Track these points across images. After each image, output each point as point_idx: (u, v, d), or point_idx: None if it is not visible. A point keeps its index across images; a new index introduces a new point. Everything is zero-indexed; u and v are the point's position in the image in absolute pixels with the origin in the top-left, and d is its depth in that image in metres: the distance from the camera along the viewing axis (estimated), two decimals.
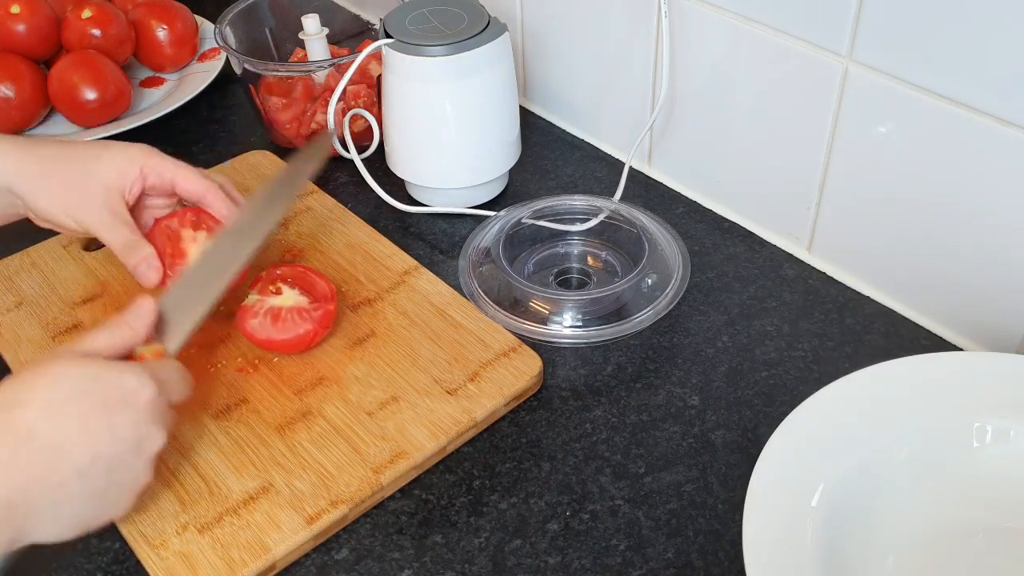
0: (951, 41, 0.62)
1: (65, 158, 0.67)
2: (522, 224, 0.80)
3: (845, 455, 0.57)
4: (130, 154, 0.68)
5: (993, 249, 0.66)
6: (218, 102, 1.02)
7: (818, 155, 0.74)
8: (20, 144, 0.67)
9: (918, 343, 0.72)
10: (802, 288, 0.77)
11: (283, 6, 0.98)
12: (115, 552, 0.60)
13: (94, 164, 0.67)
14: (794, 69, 0.72)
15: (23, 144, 0.67)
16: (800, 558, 0.52)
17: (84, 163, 0.67)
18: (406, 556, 0.59)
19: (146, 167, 0.68)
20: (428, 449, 0.63)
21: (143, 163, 0.68)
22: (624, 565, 0.58)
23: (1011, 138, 0.62)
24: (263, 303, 0.70)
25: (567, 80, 0.94)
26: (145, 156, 0.68)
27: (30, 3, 0.97)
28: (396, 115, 0.82)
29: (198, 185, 0.69)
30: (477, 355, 0.70)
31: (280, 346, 0.69)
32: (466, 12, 0.80)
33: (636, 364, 0.71)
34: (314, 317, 0.69)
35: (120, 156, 0.68)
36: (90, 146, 0.69)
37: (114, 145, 0.69)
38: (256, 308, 0.69)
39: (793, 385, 0.69)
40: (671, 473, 0.64)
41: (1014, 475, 0.57)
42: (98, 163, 0.67)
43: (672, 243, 0.77)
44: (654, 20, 0.80)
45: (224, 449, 0.64)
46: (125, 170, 0.67)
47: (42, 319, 0.74)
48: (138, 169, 0.68)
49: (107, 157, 0.68)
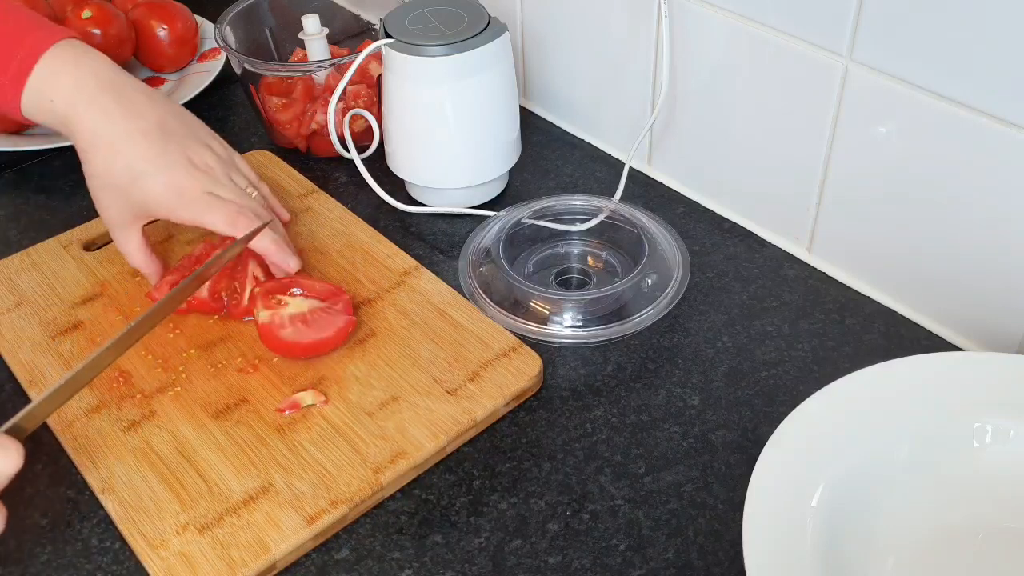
0: (951, 41, 0.62)
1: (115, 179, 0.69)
2: (522, 224, 0.80)
3: (845, 455, 0.57)
4: (163, 198, 0.69)
5: (993, 249, 0.66)
6: (218, 102, 1.02)
7: (818, 155, 0.74)
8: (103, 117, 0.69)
9: (918, 343, 0.72)
10: (802, 288, 0.77)
11: (283, 6, 0.98)
12: (115, 552, 0.60)
13: (134, 193, 0.69)
14: (794, 69, 0.72)
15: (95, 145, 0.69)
16: (800, 558, 0.52)
17: (124, 191, 0.70)
18: (406, 556, 0.59)
19: (171, 217, 0.70)
20: (428, 449, 0.63)
21: (168, 214, 0.70)
22: (624, 565, 0.58)
23: (1012, 138, 0.62)
24: (279, 314, 0.69)
25: (567, 80, 0.94)
26: (171, 208, 0.70)
27: (30, 3, 0.97)
28: (396, 115, 0.82)
29: (226, 231, 0.71)
30: (477, 355, 0.70)
31: (324, 345, 0.69)
32: (466, 12, 0.80)
33: (636, 364, 0.71)
34: (339, 309, 0.70)
35: (155, 195, 0.69)
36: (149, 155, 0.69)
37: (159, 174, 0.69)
38: (278, 321, 0.69)
39: (793, 385, 0.69)
40: (671, 473, 0.64)
41: (1014, 475, 0.57)
42: (137, 193, 0.69)
43: (672, 243, 0.77)
44: (654, 20, 0.80)
45: (224, 449, 0.64)
46: (151, 212, 0.70)
47: (42, 319, 0.74)
48: (164, 216, 0.70)
49: (144, 190, 0.69)
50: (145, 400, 0.67)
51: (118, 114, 0.69)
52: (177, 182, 0.69)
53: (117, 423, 0.66)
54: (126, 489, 0.61)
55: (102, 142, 0.68)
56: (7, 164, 0.93)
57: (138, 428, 0.65)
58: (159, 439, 0.65)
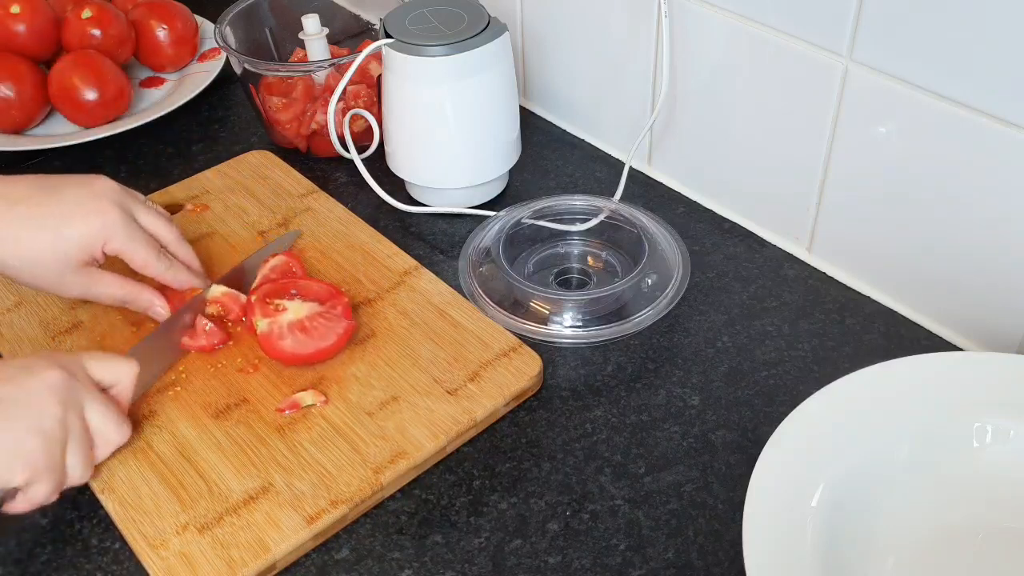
0: (951, 41, 0.62)
1: (35, 240, 0.67)
2: (522, 224, 0.80)
3: (845, 455, 0.57)
4: (93, 231, 0.67)
5: (993, 249, 0.66)
6: (218, 102, 1.02)
7: (818, 155, 0.74)
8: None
9: (918, 343, 0.72)
10: (802, 288, 0.77)
11: (283, 6, 0.98)
12: (115, 552, 0.60)
13: (60, 240, 0.67)
14: (794, 69, 0.72)
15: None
16: (800, 558, 0.52)
17: (51, 244, 0.67)
18: (406, 556, 0.59)
19: (107, 248, 0.69)
20: (428, 449, 0.63)
21: (102, 244, 0.68)
22: (624, 565, 0.58)
23: (1012, 138, 0.62)
24: (278, 323, 0.69)
25: (567, 80, 0.94)
26: (104, 237, 0.68)
27: (30, 3, 0.97)
28: (396, 115, 0.82)
29: (149, 269, 0.70)
30: (477, 355, 0.70)
31: (326, 353, 0.69)
32: (466, 12, 0.80)
33: (636, 364, 0.71)
34: (338, 314, 0.70)
35: (83, 231, 0.67)
36: (53, 211, 0.67)
37: (75, 216, 0.67)
38: (277, 331, 0.69)
39: (793, 385, 0.69)
40: (671, 473, 0.64)
41: (1014, 475, 0.57)
42: (64, 239, 0.67)
43: (672, 243, 0.77)
44: (654, 20, 0.80)
45: (224, 449, 0.64)
46: (87, 248, 0.68)
47: (42, 319, 0.74)
48: (99, 248, 0.68)
49: (70, 231, 0.67)
50: (145, 400, 0.67)
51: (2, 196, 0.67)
52: (100, 219, 0.68)
53: None
54: (126, 489, 0.61)
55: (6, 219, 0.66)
56: (7, 164, 0.93)
57: (138, 428, 0.65)
58: (159, 439, 0.65)
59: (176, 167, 0.93)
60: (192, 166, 0.92)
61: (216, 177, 0.89)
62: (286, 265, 0.76)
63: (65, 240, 0.67)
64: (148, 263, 0.70)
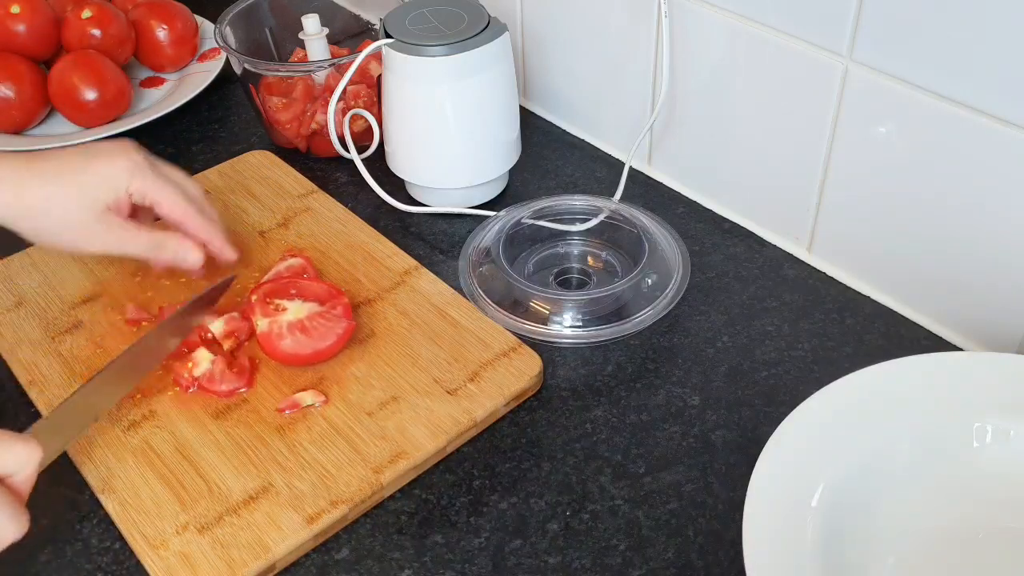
0: (951, 41, 0.62)
1: (58, 184, 0.65)
2: (522, 224, 0.80)
3: (845, 455, 0.57)
4: (116, 170, 0.66)
5: (993, 249, 0.66)
6: (218, 102, 1.02)
7: (818, 155, 0.74)
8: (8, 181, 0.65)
9: (918, 343, 0.72)
10: (802, 288, 0.77)
11: (283, 6, 0.98)
12: (115, 552, 0.60)
13: (85, 184, 0.65)
14: (794, 69, 0.72)
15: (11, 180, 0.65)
16: (800, 558, 0.52)
17: (76, 188, 0.65)
18: (406, 556, 0.59)
19: (131, 187, 0.66)
20: (428, 449, 0.63)
21: (128, 183, 0.66)
22: (624, 565, 0.58)
23: (1011, 138, 0.62)
24: (278, 323, 0.69)
25: (567, 80, 0.94)
26: (130, 175, 0.66)
27: (30, 3, 0.97)
28: (396, 115, 0.82)
29: (178, 211, 0.69)
30: (477, 355, 0.70)
31: (325, 353, 0.69)
32: (466, 12, 0.80)
33: (636, 364, 0.71)
34: (338, 314, 0.69)
35: (107, 172, 0.66)
36: (74, 161, 0.66)
37: (99, 157, 0.66)
38: (277, 330, 0.69)
39: (793, 385, 0.69)
40: (671, 473, 0.64)
41: (1014, 475, 0.57)
42: (88, 182, 0.65)
43: (672, 243, 0.77)
44: (654, 20, 0.80)
45: (224, 449, 0.64)
46: (112, 188, 0.66)
47: (42, 319, 0.74)
48: (124, 189, 0.66)
49: (93, 172, 0.65)
50: (145, 400, 0.67)
51: (12, 155, 0.66)
52: (126, 159, 0.66)
53: (117, 423, 0.66)
54: (126, 489, 0.61)
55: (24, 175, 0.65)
56: None
57: (138, 428, 0.65)
58: (159, 439, 0.65)
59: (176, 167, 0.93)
60: (192, 166, 0.92)
61: (216, 177, 0.89)
62: (301, 267, 0.76)
63: (89, 181, 0.65)
64: (177, 206, 0.68)
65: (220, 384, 0.67)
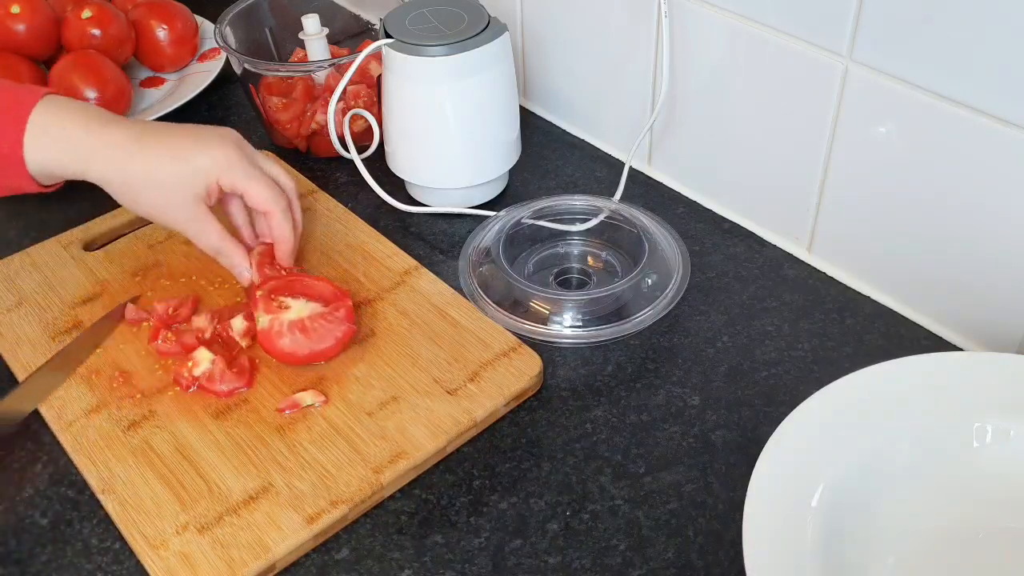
0: (951, 41, 0.62)
1: (161, 167, 0.68)
2: (522, 224, 0.80)
3: (845, 455, 0.57)
4: (211, 163, 0.69)
5: (993, 249, 0.66)
6: (218, 102, 1.02)
7: (818, 155, 0.74)
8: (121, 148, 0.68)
9: (918, 343, 0.72)
10: (802, 288, 0.77)
11: (283, 6, 0.98)
12: (115, 552, 0.60)
13: (183, 172, 0.68)
14: (794, 69, 0.72)
15: (124, 148, 0.68)
16: (800, 558, 0.52)
17: (176, 174, 0.68)
18: (406, 556, 0.59)
19: (223, 178, 0.69)
20: (428, 449, 0.63)
21: (219, 175, 0.69)
22: (624, 565, 0.58)
23: (1011, 138, 0.62)
24: (279, 320, 0.69)
25: (567, 80, 0.94)
26: (221, 169, 0.69)
27: (30, 3, 0.97)
28: (396, 115, 0.82)
29: (261, 203, 0.71)
30: (477, 355, 0.70)
31: (322, 355, 0.69)
32: (466, 12, 0.80)
33: (636, 364, 0.71)
34: (340, 317, 0.69)
35: (204, 163, 0.69)
36: (180, 145, 0.69)
37: (201, 147, 0.69)
38: (277, 328, 0.69)
39: (793, 385, 0.69)
40: (671, 473, 0.64)
41: (1014, 475, 0.57)
42: (186, 170, 0.68)
43: (672, 243, 0.77)
44: (654, 20, 0.80)
45: (224, 449, 0.64)
46: (205, 178, 0.69)
47: (42, 319, 0.74)
48: (215, 180, 0.69)
49: (193, 162, 0.68)
50: (145, 400, 0.67)
51: (129, 123, 0.69)
52: (222, 152, 0.69)
53: (117, 423, 0.66)
54: (126, 489, 0.61)
55: (133, 148, 0.67)
56: None
57: (138, 428, 0.65)
58: (159, 439, 0.65)
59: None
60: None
61: None
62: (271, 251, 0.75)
63: (187, 170, 0.68)
64: (261, 198, 0.71)
65: (220, 384, 0.67)
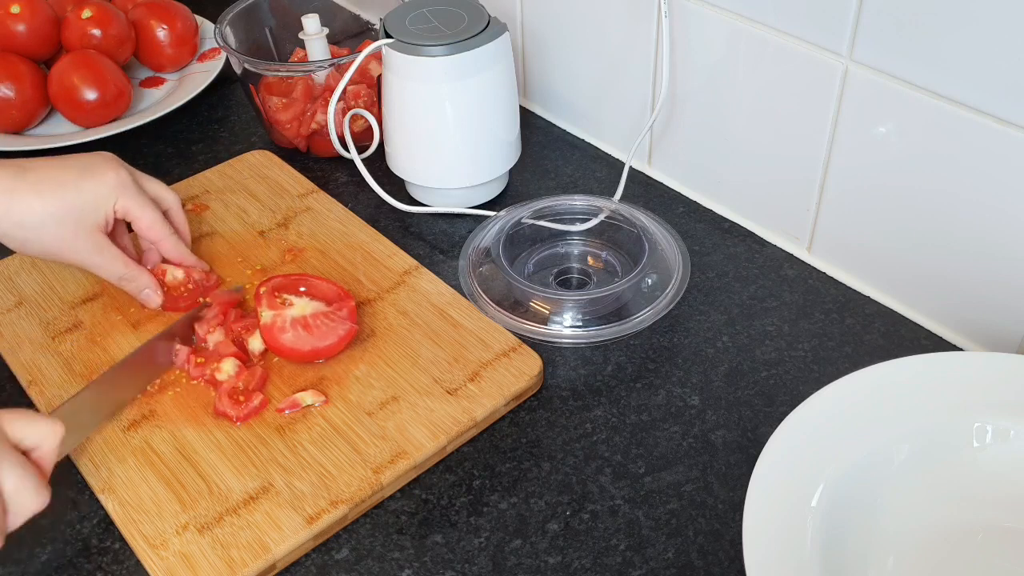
0: (951, 41, 0.62)
1: (53, 201, 0.67)
2: (522, 224, 0.80)
3: (845, 455, 0.57)
4: (106, 189, 0.69)
5: (993, 249, 0.66)
6: (218, 102, 1.02)
7: (818, 155, 0.74)
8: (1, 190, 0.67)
9: (918, 343, 0.72)
10: (802, 288, 0.77)
11: (283, 6, 0.98)
12: (115, 552, 0.60)
13: (79, 202, 0.68)
14: (794, 69, 0.72)
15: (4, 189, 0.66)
16: (800, 558, 0.52)
17: (71, 206, 0.68)
18: (406, 556, 0.59)
19: (118, 205, 0.70)
20: (428, 449, 0.63)
21: (115, 201, 0.70)
22: (624, 565, 0.58)
23: (1011, 138, 0.62)
24: (283, 316, 0.69)
25: (567, 80, 0.94)
26: (117, 192, 0.69)
27: (30, 3, 0.97)
28: (396, 115, 0.82)
29: (153, 233, 0.73)
30: (477, 355, 0.70)
31: (324, 352, 0.69)
32: (466, 12, 0.80)
33: (636, 364, 0.71)
34: (343, 316, 0.70)
35: (98, 190, 0.69)
36: (68, 176, 0.68)
37: (91, 174, 0.69)
38: (280, 323, 0.69)
39: (793, 385, 0.69)
40: (671, 473, 0.64)
41: (1014, 475, 0.57)
42: (81, 200, 0.68)
43: (672, 243, 0.77)
44: (654, 20, 0.80)
45: (224, 449, 0.64)
46: (102, 206, 0.69)
47: (42, 319, 0.74)
48: (111, 206, 0.70)
49: (87, 191, 0.68)
50: (145, 400, 0.67)
51: (2, 162, 0.68)
52: (114, 175, 0.69)
53: (117, 423, 0.66)
54: (126, 489, 0.62)
55: (15, 185, 0.66)
56: None
57: (138, 428, 0.65)
58: (159, 439, 0.65)
59: (176, 167, 0.93)
60: (192, 166, 0.92)
61: (216, 177, 0.89)
62: None
63: (83, 199, 0.68)
64: (154, 225, 0.72)
65: (243, 395, 0.66)
